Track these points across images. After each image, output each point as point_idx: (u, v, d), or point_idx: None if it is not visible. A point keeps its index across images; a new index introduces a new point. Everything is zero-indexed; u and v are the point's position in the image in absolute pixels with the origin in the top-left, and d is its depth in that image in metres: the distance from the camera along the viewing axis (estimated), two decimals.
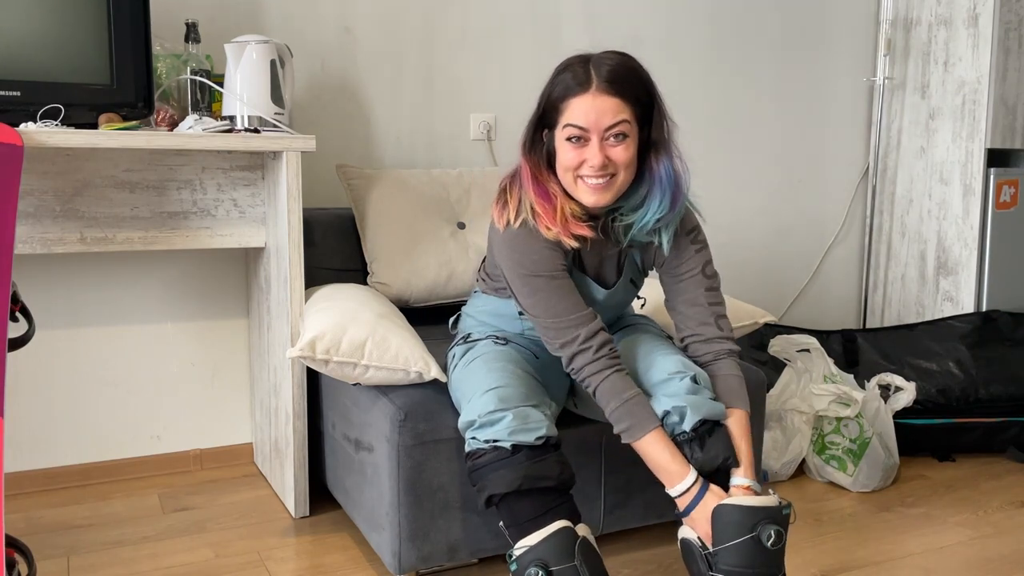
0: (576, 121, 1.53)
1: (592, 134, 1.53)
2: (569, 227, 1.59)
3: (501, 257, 1.63)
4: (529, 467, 1.48)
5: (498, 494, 1.49)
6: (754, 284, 3.26)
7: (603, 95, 1.51)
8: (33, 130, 1.75)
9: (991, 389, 2.59)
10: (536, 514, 1.47)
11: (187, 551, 1.96)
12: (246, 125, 2.03)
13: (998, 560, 1.98)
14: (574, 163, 1.56)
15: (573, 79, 1.53)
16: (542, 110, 1.59)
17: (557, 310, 1.59)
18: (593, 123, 1.52)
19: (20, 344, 1.53)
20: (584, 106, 1.52)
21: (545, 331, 1.61)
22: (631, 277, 1.75)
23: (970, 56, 3.00)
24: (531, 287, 1.60)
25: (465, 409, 1.57)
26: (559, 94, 1.55)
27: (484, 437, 1.51)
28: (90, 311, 2.30)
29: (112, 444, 2.37)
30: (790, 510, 1.50)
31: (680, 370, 1.59)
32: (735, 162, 3.15)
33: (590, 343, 1.58)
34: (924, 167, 3.18)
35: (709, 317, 1.69)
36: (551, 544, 1.44)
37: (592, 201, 1.58)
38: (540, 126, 1.61)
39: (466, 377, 1.65)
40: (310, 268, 2.26)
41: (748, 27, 3.10)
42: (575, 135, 1.54)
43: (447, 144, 2.67)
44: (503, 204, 1.64)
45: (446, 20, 2.62)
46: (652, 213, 1.62)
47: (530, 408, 1.54)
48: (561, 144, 1.57)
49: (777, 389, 2.42)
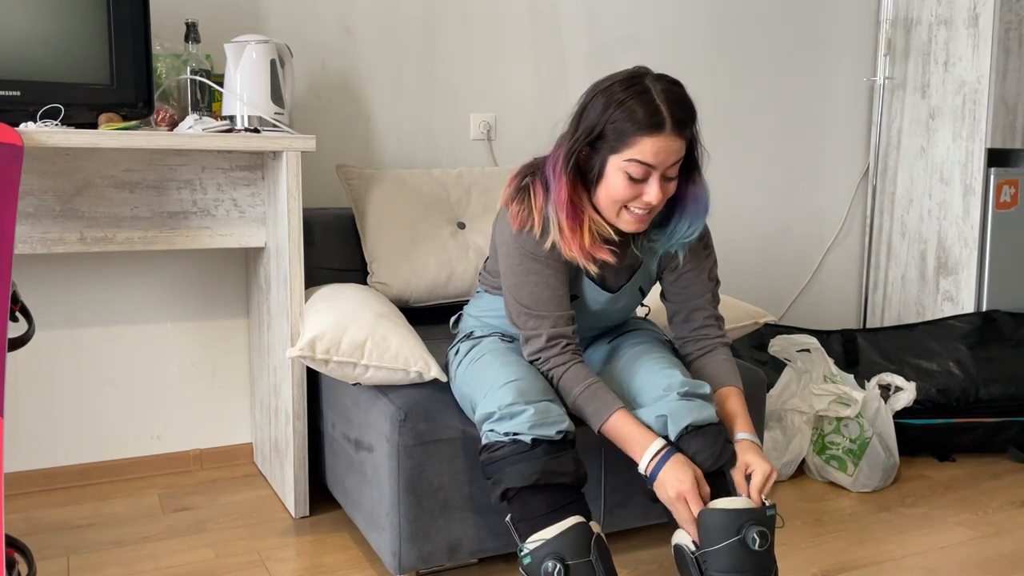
0: (646, 159, 1.50)
1: (656, 172, 1.52)
2: (593, 252, 1.58)
3: (504, 235, 1.63)
4: (547, 462, 1.48)
5: (515, 488, 1.48)
6: (754, 284, 3.26)
7: (674, 137, 1.50)
8: (33, 130, 1.75)
9: (991, 389, 2.59)
10: (550, 509, 1.47)
11: (187, 551, 1.96)
12: (246, 125, 2.02)
13: (998, 560, 1.98)
14: (628, 198, 1.54)
15: (644, 117, 1.48)
16: (598, 133, 1.53)
17: (540, 298, 1.59)
18: (661, 162, 1.51)
19: (20, 344, 1.53)
20: (656, 147, 1.49)
21: (518, 316, 1.62)
22: (640, 285, 1.76)
23: (970, 56, 3.00)
24: (525, 268, 1.60)
25: (482, 402, 1.56)
26: (626, 129, 1.49)
27: (503, 430, 1.50)
28: (90, 311, 2.30)
29: (112, 444, 2.37)
30: (775, 511, 1.50)
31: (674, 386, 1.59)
32: (735, 162, 3.15)
33: (557, 340, 1.59)
34: (924, 167, 3.18)
35: (709, 319, 1.75)
36: (568, 539, 1.44)
37: (632, 230, 1.59)
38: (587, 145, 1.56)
39: (479, 372, 1.64)
40: (310, 268, 2.26)
41: (748, 27, 3.10)
42: (640, 174, 1.51)
43: (447, 144, 2.67)
44: (527, 210, 1.60)
45: (446, 20, 2.62)
46: (679, 237, 1.65)
47: (549, 402, 1.54)
48: (617, 175, 1.53)
49: (777, 389, 2.42)
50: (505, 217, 1.64)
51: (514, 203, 1.62)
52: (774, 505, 1.51)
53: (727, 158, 3.13)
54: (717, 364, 1.71)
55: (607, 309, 1.75)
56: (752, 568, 1.45)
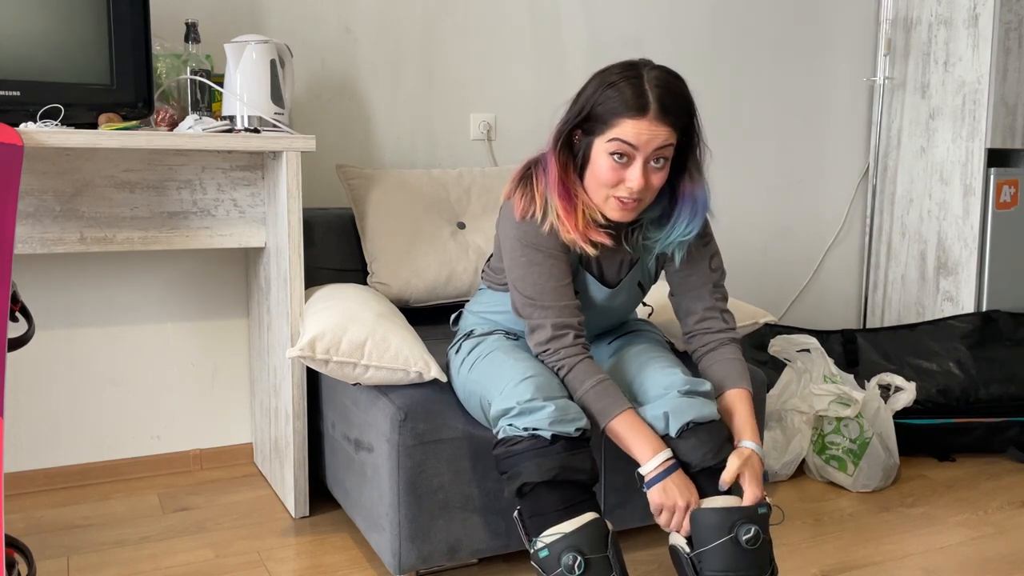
0: (627, 139, 1.50)
1: (638, 155, 1.52)
2: (588, 233, 1.58)
3: (506, 228, 1.63)
4: (566, 458, 1.48)
5: (531, 483, 1.48)
6: (754, 284, 3.26)
7: (658, 123, 1.50)
8: (33, 130, 1.75)
9: (991, 389, 2.59)
10: (564, 506, 1.47)
11: (187, 551, 1.96)
12: (246, 125, 2.03)
13: (998, 560, 1.98)
14: (612, 181, 1.54)
15: (630, 98, 1.50)
16: (585, 115, 1.55)
17: (544, 288, 1.59)
18: (643, 145, 1.51)
19: (20, 344, 1.53)
20: (638, 129, 1.49)
21: (523, 307, 1.62)
22: (639, 280, 1.75)
23: (970, 56, 3.00)
24: (528, 258, 1.60)
25: (498, 398, 1.56)
26: (611, 109, 1.51)
27: (523, 424, 1.50)
28: (90, 311, 2.30)
29: (112, 444, 2.37)
30: (767, 509, 1.50)
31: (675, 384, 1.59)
32: (735, 162, 3.15)
33: (564, 331, 1.59)
34: (924, 167, 3.18)
35: (714, 311, 1.73)
36: (586, 533, 1.44)
37: (617, 217, 1.59)
38: (576, 127, 1.58)
39: (490, 368, 1.64)
40: (310, 268, 2.26)
41: (748, 27, 3.10)
42: (621, 151, 1.52)
43: (447, 144, 2.67)
44: (529, 196, 1.62)
45: (446, 20, 2.62)
46: (677, 235, 1.65)
47: (567, 399, 1.54)
48: (601, 156, 1.54)
49: (777, 389, 2.42)
50: (507, 211, 1.64)
51: (516, 192, 1.63)
52: (767, 503, 1.51)
53: (727, 158, 3.13)
54: (724, 364, 1.69)
55: (608, 305, 1.75)
56: (746, 566, 1.44)
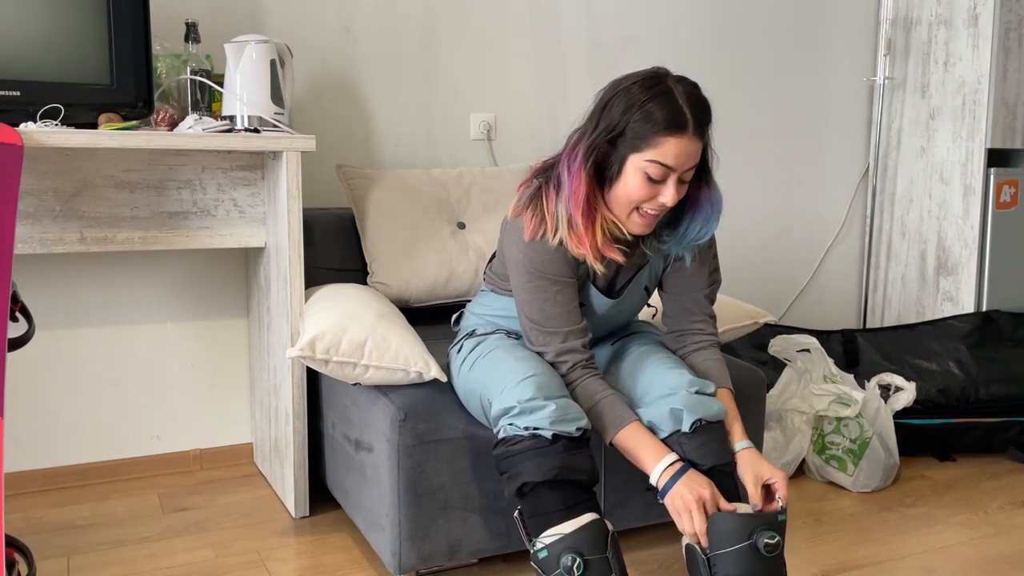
0: (667, 161, 1.49)
1: (674, 174, 1.52)
2: (604, 250, 1.57)
3: (512, 249, 1.62)
4: (566, 458, 1.48)
5: (532, 482, 1.47)
6: (754, 284, 3.26)
7: (695, 139, 1.50)
8: (33, 130, 1.75)
9: (991, 389, 2.59)
10: (564, 506, 1.47)
11: (187, 551, 1.96)
12: (246, 125, 2.03)
13: (998, 560, 1.98)
14: (644, 198, 1.53)
15: (670, 116, 1.48)
16: (620, 131, 1.52)
17: (550, 315, 1.60)
18: (680, 164, 1.51)
19: (20, 344, 1.53)
20: (679, 148, 1.49)
21: (529, 330, 1.63)
22: (645, 284, 1.76)
23: (970, 56, 3.00)
24: (534, 285, 1.60)
25: (498, 397, 1.56)
26: (650, 126, 1.48)
27: (524, 424, 1.50)
28: (90, 311, 2.30)
29: (112, 444, 2.37)
30: (786, 516, 1.50)
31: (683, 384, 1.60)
32: (735, 162, 3.15)
33: (565, 358, 1.60)
34: (924, 167, 3.18)
35: (705, 318, 1.77)
36: (586, 534, 1.44)
37: (639, 231, 1.59)
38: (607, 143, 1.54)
39: (491, 367, 1.64)
40: (310, 268, 2.26)
41: (748, 27, 3.10)
42: (659, 175, 1.51)
43: (447, 144, 2.67)
44: (539, 217, 1.58)
45: (446, 20, 2.62)
46: (691, 239, 1.66)
47: (568, 399, 1.54)
48: (635, 174, 1.52)
49: (777, 389, 2.42)
50: (515, 231, 1.61)
51: (527, 212, 1.60)
52: (785, 510, 1.51)
53: (727, 158, 3.13)
54: (709, 363, 1.72)
55: (612, 313, 1.75)
56: (762, 573, 1.45)
